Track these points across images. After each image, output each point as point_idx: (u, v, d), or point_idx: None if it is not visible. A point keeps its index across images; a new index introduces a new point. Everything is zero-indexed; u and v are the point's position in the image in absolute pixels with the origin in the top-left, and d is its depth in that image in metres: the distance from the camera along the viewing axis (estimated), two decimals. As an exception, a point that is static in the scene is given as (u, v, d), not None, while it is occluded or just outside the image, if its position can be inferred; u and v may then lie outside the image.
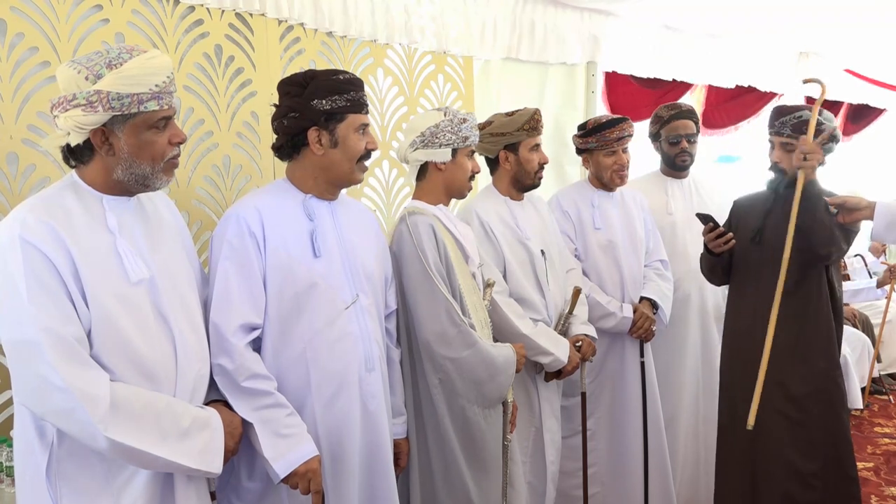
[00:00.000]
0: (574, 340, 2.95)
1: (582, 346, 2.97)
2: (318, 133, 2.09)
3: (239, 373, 1.94)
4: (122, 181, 1.75)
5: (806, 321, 2.90)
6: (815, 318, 2.91)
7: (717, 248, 3.01)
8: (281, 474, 1.94)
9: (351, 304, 2.12)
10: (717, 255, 3.05)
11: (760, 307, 2.88)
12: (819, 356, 2.91)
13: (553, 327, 2.94)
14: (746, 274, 3.05)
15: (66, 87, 1.68)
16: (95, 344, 1.66)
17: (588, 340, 3.01)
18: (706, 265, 3.18)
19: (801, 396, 2.88)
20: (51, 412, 1.61)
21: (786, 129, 2.88)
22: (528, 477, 2.91)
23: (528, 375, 2.91)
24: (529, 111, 2.93)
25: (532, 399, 2.94)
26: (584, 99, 4.32)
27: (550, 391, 3.00)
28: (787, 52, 5.78)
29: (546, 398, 2.97)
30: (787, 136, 2.87)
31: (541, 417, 2.95)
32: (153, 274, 1.78)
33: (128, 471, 1.70)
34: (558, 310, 3.00)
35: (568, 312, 2.98)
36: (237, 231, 2.03)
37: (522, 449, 2.89)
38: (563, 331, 2.96)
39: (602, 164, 3.27)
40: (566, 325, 2.99)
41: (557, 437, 3.03)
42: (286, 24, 2.82)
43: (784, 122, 2.88)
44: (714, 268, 3.14)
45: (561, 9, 4.04)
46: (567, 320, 2.99)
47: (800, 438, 2.87)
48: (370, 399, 2.15)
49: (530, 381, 2.93)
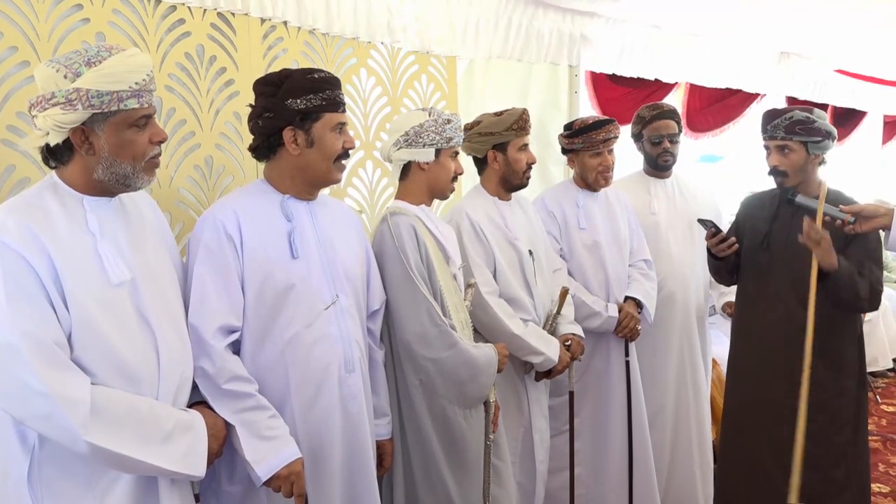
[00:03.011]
0: (563, 340, 2.96)
1: (571, 345, 2.98)
2: (294, 133, 2.08)
3: (220, 375, 1.93)
4: (103, 181, 1.73)
5: (830, 331, 2.85)
6: (840, 328, 2.89)
7: (720, 253, 3.02)
8: (263, 477, 1.93)
9: (330, 304, 2.11)
10: (722, 259, 3.06)
11: (767, 311, 2.91)
12: (841, 369, 2.89)
13: (541, 327, 2.95)
14: (754, 277, 3.05)
15: (44, 86, 1.66)
16: (76, 347, 1.64)
17: (577, 339, 3.02)
18: (712, 267, 3.20)
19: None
20: (31, 417, 1.59)
21: (779, 132, 2.88)
22: (517, 477, 2.91)
23: (517, 375, 2.92)
24: (518, 111, 2.93)
25: (521, 399, 2.94)
26: (568, 99, 4.33)
27: (539, 391, 3.00)
28: (769, 52, 5.81)
29: (535, 398, 2.98)
30: (782, 138, 2.87)
31: (530, 417, 2.95)
32: (135, 275, 1.76)
33: (110, 475, 1.69)
34: (546, 310, 3.00)
35: (556, 312, 2.98)
36: (214, 233, 2.01)
37: (512, 449, 2.89)
38: (550, 331, 2.97)
39: (587, 165, 3.27)
40: (554, 325, 2.99)
41: (547, 436, 3.03)
42: (269, 23, 2.80)
43: (776, 125, 2.88)
44: (720, 270, 3.16)
45: (543, 9, 4.04)
46: (555, 320, 2.99)
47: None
48: (350, 400, 2.14)
49: (519, 380, 2.93)
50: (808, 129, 2.83)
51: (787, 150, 2.88)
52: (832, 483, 2.87)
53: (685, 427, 3.63)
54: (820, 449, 2.80)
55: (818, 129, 2.84)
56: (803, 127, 2.83)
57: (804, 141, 2.85)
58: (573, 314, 3.11)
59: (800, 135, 2.84)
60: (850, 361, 2.91)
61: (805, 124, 2.84)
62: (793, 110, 2.90)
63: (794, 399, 2.82)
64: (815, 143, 2.85)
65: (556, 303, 3.00)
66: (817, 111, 2.91)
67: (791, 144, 2.86)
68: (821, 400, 2.75)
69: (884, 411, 5.77)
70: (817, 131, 2.84)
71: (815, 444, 2.81)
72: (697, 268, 3.66)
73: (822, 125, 2.85)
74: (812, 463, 2.82)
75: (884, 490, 4.33)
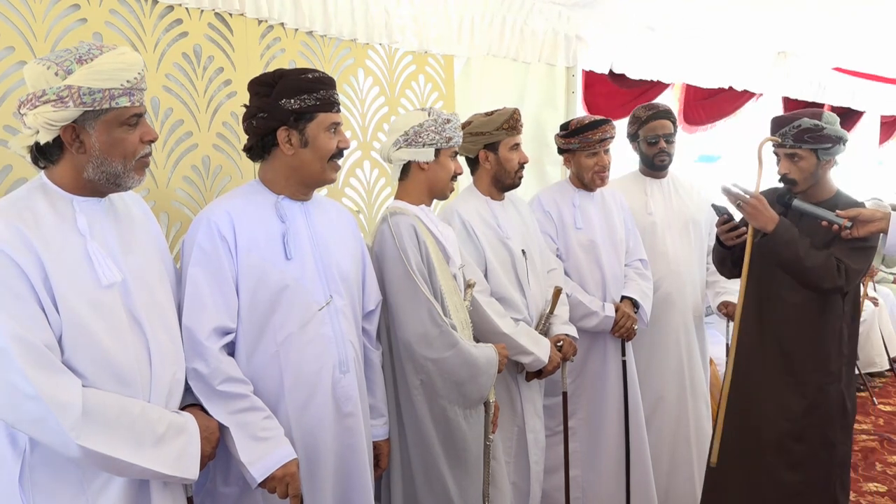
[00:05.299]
0: (555, 340, 2.96)
1: (563, 345, 2.98)
2: (288, 133, 2.08)
3: (214, 376, 1.92)
4: (93, 180, 1.73)
5: (815, 332, 2.85)
6: (822, 330, 2.86)
7: (728, 241, 2.98)
8: (258, 478, 1.93)
9: (324, 305, 2.11)
10: (729, 248, 3.02)
11: (770, 307, 2.90)
12: (816, 370, 2.86)
13: (534, 327, 2.95)
14: (757, 275, 2.97)
15: (34, 83, 1.65)
16: (67, 349, 1.63)
17: (569, 340, 3.02)
18: (717, 256, 3.16)
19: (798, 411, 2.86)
20: (22, 421, 1.58)
21: (787, 140, 2.82)
22: (512, 477, 2.92)
23: (510, 375, 2.92)
24: (508, 111, 2.93)
25: (514, 399, 2.94)
26: (565, 99, 4.33)
27: (533, 391, 3.00)
28: (766, 51, 5.81)
29: (528, 398, 2.97)
30: (790, 146, 2.82)
31: (523, 417, 2.95)
32: (125, 276, 1.75)
33: (102, 478, 1.68)
34: (539, 309, 3.00)
35: (549, 312, 2.99)
36: (208, 235, 2.01)
37: (506, 449, 2.89)
38: (543, 330, 2.97)
39: (583, 165, 3.28)
40: (547, 325, 2.99)
41: (541, 436, 3.03)
42: (266, 23, 2.80)
43: (785, 133, 2.83)
44: (724, 260, 3.11)
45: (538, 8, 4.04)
46: (548, 320, 2.99)
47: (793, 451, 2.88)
48: (345, 401, 2.13)
49: (512, 380, 2.93)
50: (816, 137, 2.78)
51: (796, 158, 2.83)
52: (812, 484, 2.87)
53: (684, 426, 3.63)
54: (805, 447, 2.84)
55: (827, 135, 2.78)
56: (812, 135, 2.78)
57: (814, 148, 2.80)
58: (567, 314, 3.11)
59: (809, 143, 2.78)
60: (832, 359, 2.86)
61: (813, 132, 2.78)
62: (801, 117, 2.82)
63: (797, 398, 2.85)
64: (826, 150, 2.80)
65: (550, 303, 3.00)
66: (827, 115, 2.85)
67: (800, 152, 2.81)
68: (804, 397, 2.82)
69: (881, 411, 5.77)
70: (826, 138, 2.78)
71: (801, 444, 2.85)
72: (694, 267, 3.67)
73: (831, 131, 2.79)
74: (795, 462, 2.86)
75: (881, 489, 4.33)
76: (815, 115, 2.84)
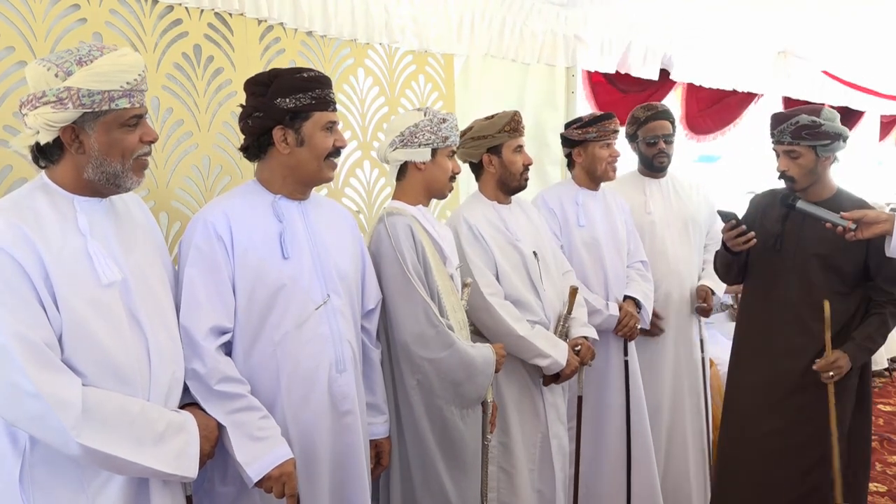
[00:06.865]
0: (573, 344, 2.92)
1: (581, 349, 2.94)
2: (284, 132, 2.08)
3: (211, 376, 1.93)
4: (93, 181, 1.73)
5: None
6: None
7: (736, 247, 2.92)
8: (255, 478, 1.93)
9: (321, 304, 2.11)
10: (736, 254, 2.98)
11: (776, 313, 2.89)
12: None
13: (552, 329, 2.92)
14: (763, 278, 3.00)
15: (35, 84, 1.66)
16: (67, 348, 1.64)
17: (587, 345, 2.98)
18: (721, 263, 3.11)
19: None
20: (22, 419, 1.58)
21: (786, 137, 2.81)
22: (537, 485, 2.90)
23: (531, 381, 2.89)
24: (509, 113, 2.93)
25: (537, 405, 2.91)
26: (565, 99, 4.33)
27: (556, 396, 2.97)
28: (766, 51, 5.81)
29: (551, 403, 2.95)
30: (789, 143, 2.81)
31: (547, 423, 2.92)
32: (126, 276, 1.76)
33: (102, 476, 1.69)
34: (556, 311, 2.97)
35: (566, 314, 2.96)
36: (204, 235, 2.02)
37: (530, 456, 2.87)
38: (563, 333, 2.94)
39: (597, 156, 3.28)
40: (566, 327, 2.96)
41: (565, 442, 3.00)
42: (266, 23, 2.81)
43: (783, 129, 2.82)
44: (730, 266, 3.06)
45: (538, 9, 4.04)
46: (566, 322, 2.96)
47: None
48: (342, 400, 2.14)
49: (534, 386, 2.91)
50: (814, 134, 2.77)
51: (794, 155, 2.82)
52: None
53: (680, 426, 3.64)
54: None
55: (825, 132, 2.77)
56: (810, 131, 2.77)
57: (812, 145, 2.79)
58: (585, 315, 3.07)
59: (807, 139, 2.77)
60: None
61: (811, 129, 2.77)
62: (799, 114, 2.81)
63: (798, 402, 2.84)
64: (824, 147, 2.78)
65: (567, 304, 2.97)
66: (826, 111, 2.83)
67: (798, 149, 2.80)
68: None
69: (881, 411, 5.78)
70: (825, 135, 2.77)
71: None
72: (694, 267, 3.67)
73: (829, 128, 2.77)
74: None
75: (881, 489, 4.34)
76: (814, 111, 2.83)
